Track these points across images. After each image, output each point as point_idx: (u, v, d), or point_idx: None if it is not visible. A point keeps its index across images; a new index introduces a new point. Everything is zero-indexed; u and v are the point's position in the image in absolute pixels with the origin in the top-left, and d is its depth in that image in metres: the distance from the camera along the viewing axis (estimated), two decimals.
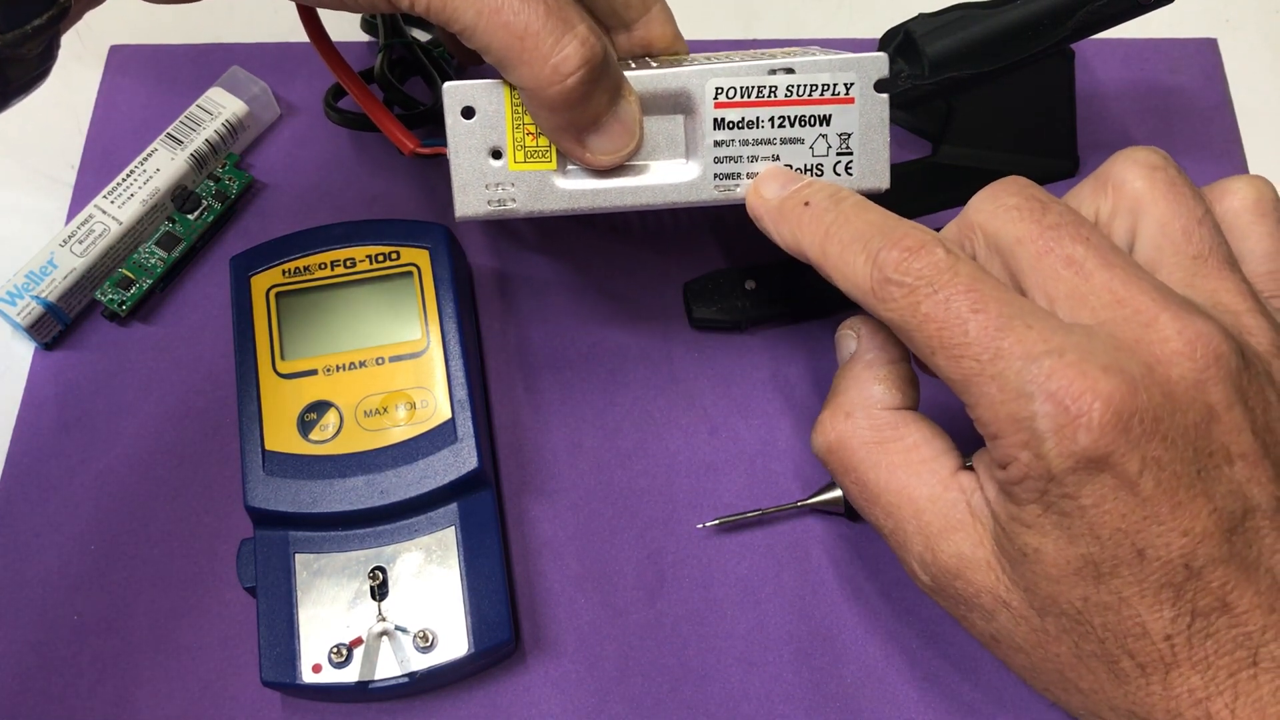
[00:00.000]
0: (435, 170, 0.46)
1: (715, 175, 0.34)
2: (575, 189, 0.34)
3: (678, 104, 0.34)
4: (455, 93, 0.33)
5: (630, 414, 0.41)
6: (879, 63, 0.34)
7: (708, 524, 0.39)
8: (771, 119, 0.34)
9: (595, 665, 0.37)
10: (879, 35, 0.43)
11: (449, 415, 0.37)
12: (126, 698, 0.37)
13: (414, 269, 0.40)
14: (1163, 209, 0.30)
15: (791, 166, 0.34)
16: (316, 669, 0.35)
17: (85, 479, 0.41)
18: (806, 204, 0.32)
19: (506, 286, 0.44)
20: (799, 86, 0.34)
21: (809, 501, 0.39)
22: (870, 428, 0.32)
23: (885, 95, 0.34)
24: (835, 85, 0.34)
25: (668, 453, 0.41)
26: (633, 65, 0.35)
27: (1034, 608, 0.28)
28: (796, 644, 0.38)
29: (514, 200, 0.34)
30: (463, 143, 0.33)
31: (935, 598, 0.31)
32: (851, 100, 0.34)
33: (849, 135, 0.34)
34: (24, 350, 0.44)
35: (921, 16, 0.41)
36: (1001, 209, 0.30)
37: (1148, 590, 0.26)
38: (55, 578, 0.39)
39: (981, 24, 0.40)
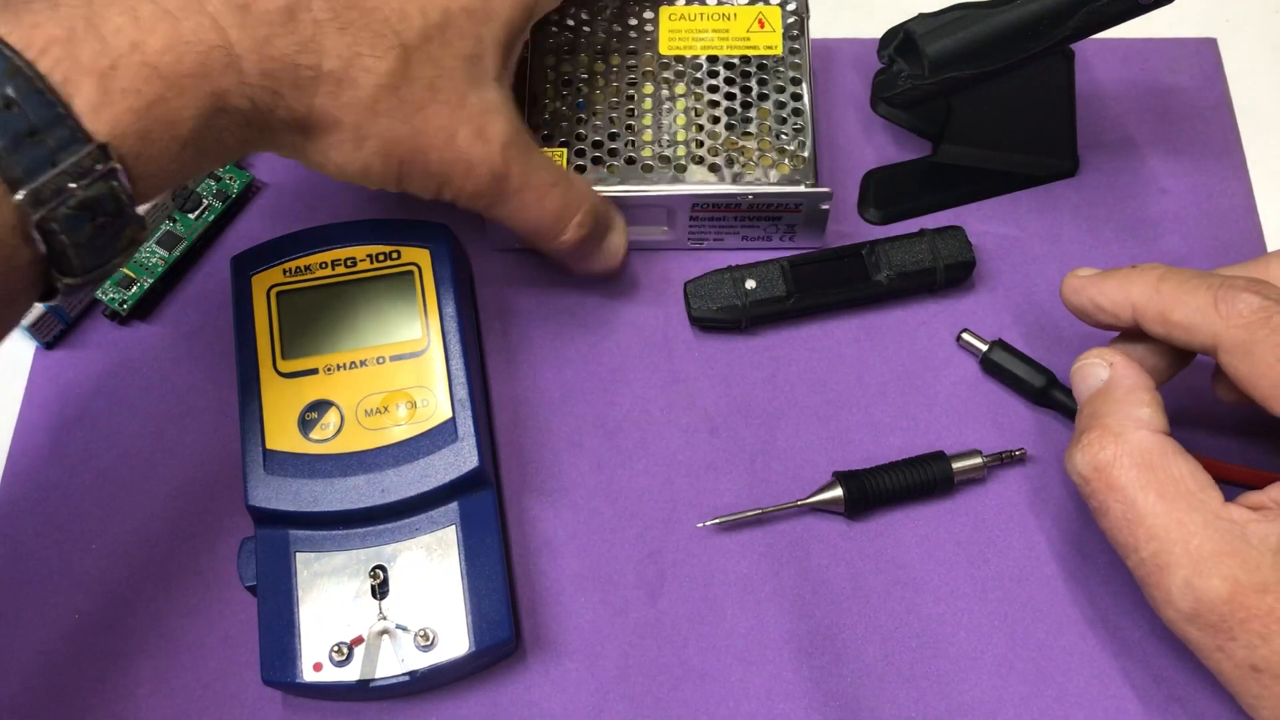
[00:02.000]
0: None
1: (688, 237, 0.44)
2: None
3: (662, 208, 0.42)
4: None
5: (630, 414, 0.42)
6: (826, 196, 0.41)
7: (708, 524, 0.39)
8: (735, 217, 0.43)
9: (595, 664, 0.38)
10: (879, 35, 0.43)
11: (449, 414, 0.37)
12: (126, 698, 0.37)
13: (414, 268, 0.40)
14: None
15: (745, 236, 0.44)
16: (317, 668, 0.35)
17: (85, 479, 0.41)
18: (1133, 267, 0.35)
19: (506, 286, 0.44)
20: (759, 205, 0.42)
21: (809, 501, 0.39)
22: (1141, 450, 0.32)
23: (828, 206, 0.42)
24: (787, 204, 0.42)
25: (668, 453, 0.41)
26: (635, 163, 0.42)
27: None
28: (796, 643, 0.38)
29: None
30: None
31: (1186, 627, 0.31)
32: (799, 210, 0.42)
33: (794, 225, 0.43)
34: (24, 349, 0.44)
35: (921, 16, 0.41)
36: None
37: None
38: (55, 578, 0.39)
39: (981, 24, 0.40)
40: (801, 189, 0.41)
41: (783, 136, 0.42)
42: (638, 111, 0.43)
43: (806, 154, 0.42)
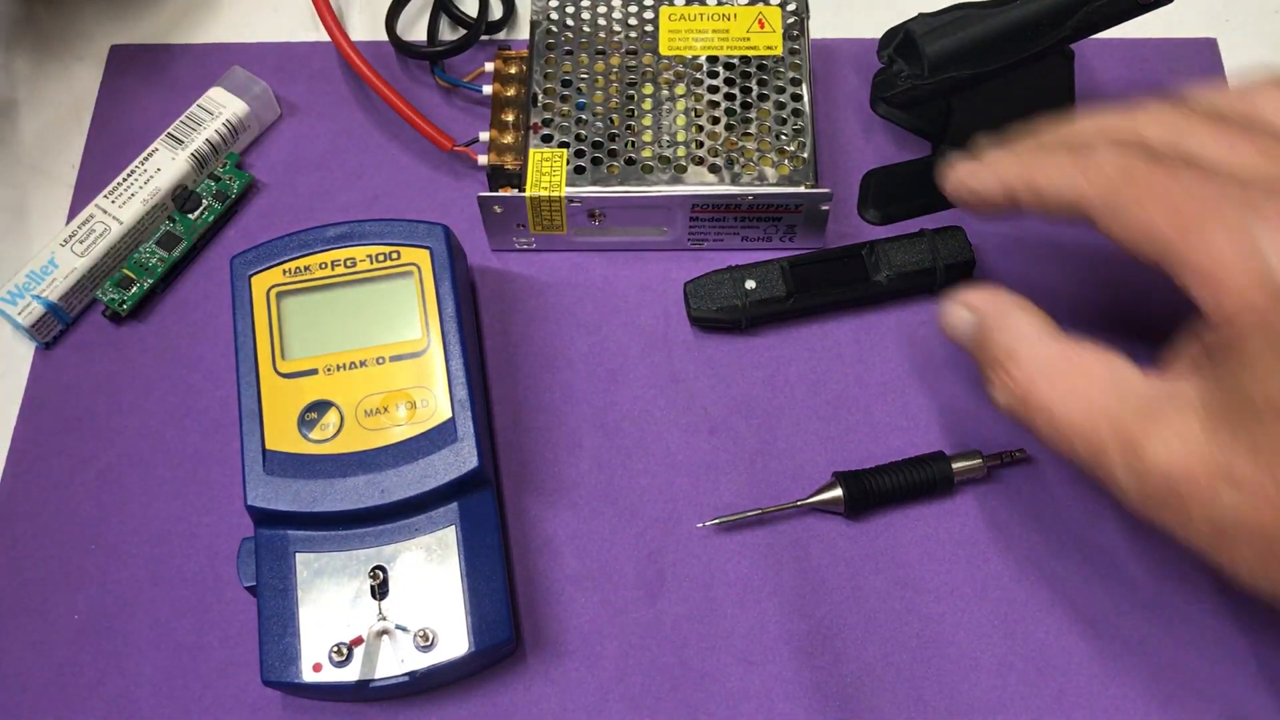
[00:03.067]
0: (436, 170, 0.47)
1: (688, 237, 0.44)
2: (577, 240, 0.44)
3: (662, 209, 0.42)
4: (490, 200, 0.42)
5: (630, 414, 0.42)
6: (826, 197, 0.41)
7: (708, 523, 0.39)
8: (735, 218, 0.43)
9: (595, 665, 0.38)
10: (879, 35, 0.43)
11: (449, 415, 0.37)
12: (126, 698, 0.37)
13: (414, 269, 0.40)
14: None
15: (745, 236, 0.43)
16: (317, 668, 0.35)
17: (85, 479, 0.41)
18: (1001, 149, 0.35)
19: (506, 286, 0.44)
20: (758, 205, 0.41)
21: (809, 501, 0.39)
22: (1041, 365, 0.32)
23: (828, 207, 0.42)
24: (787, 204, 0.41)
25: (668, 453, 0.41)
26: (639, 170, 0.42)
27: (1264, 465, 0.27)
28: (796, 644, 0.38)
29: (532, 245, 0.45)
30: (497, 220, 0.43)
31: (1147, 513, 0.30)
32: (799, 210, 0.42)
33: (794, 225, 0.43)
34: (24, 350, 0.44)
35: (921, 16, 0.41)
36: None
37: None
38: (55, 578, 0.39)
39: (981, 24, 0.40)
40: (801, 190, 0.41)
41: (783, 137, 0.42)
42: (638, 112, 0.43)
43: (806, 154, 0.42)
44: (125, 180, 0.44)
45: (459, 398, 0.38)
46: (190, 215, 0.45)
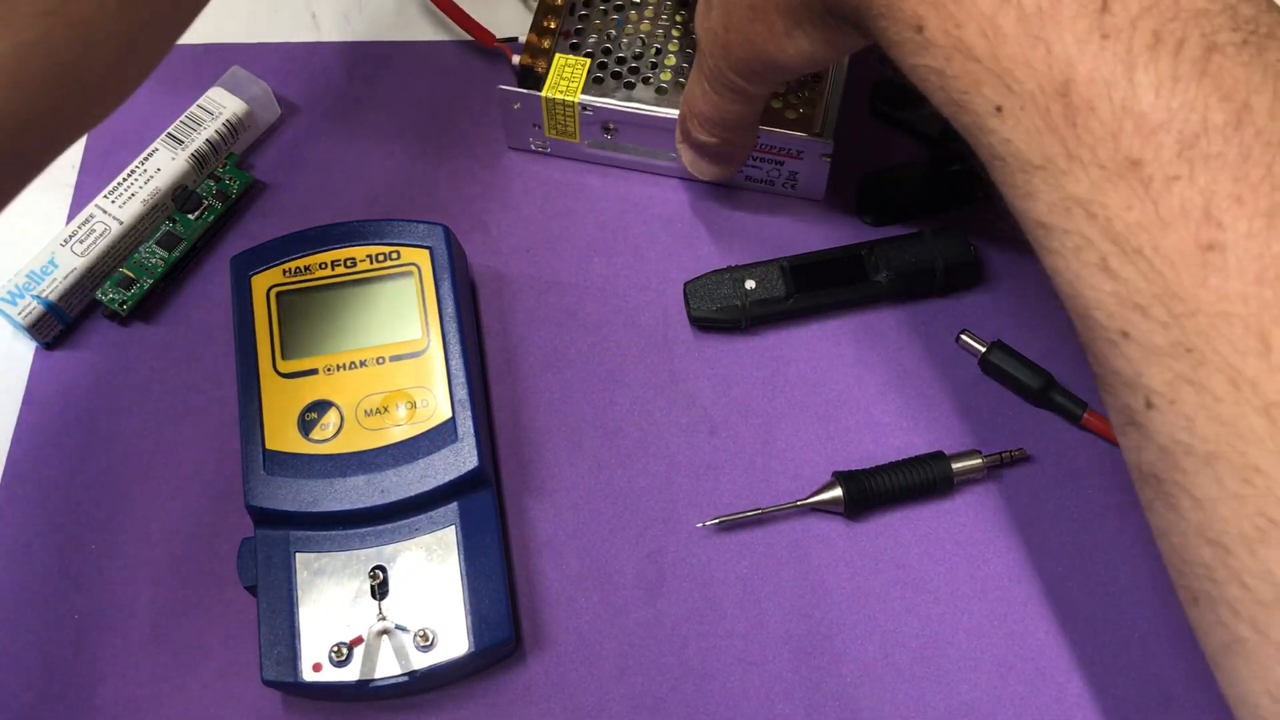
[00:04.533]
0: (436, 170, 0.47)
1: None
2: (589, 151, 0.46)
3: (672, 133, 0.43)
4: (509, 95, 0.44)
5: (630, 414, 0.42)
6: (826, 147, 0.42)
7: (708, 523, 0.39)
8: None
9: (595, 665, 0.38)
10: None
11: (449, 414, 0.37)
12: (126, 698, 0.37)
13: (414, 269, 0.40)
14: None
15: (749, 176, 0.45)
16: (317, 668, 0.35)
17: (85, 479, 0.41)
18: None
19: (506, 286, 0.44)
20: (766, 146, 0.43)
21: (809, 501, 0.39)
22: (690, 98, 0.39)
23: (828, 158, 0.43)
24: (789, 148, 0.43)
25: (668, 453, 0.41)
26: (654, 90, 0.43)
27: None
28: (796, 644, 0.38)
29: (548, 149, 0.46)
30: (516, 118, 0.45)
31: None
32: (800, 157, 0.43)
33: (796, 173, 0.44)
34: (24, 350, 0.44)
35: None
36: None
37: None
38: (55, 578, 0.39)
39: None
40: (803, 136, 0.42)
41: (802, 82, 0.43)
42: (667, 37, 0.44)
43: (818, 104, 0.43)
44: (125, 180, 0.44)
45: (459, 397, 0.38)
46: (190, 215, 0.45)
